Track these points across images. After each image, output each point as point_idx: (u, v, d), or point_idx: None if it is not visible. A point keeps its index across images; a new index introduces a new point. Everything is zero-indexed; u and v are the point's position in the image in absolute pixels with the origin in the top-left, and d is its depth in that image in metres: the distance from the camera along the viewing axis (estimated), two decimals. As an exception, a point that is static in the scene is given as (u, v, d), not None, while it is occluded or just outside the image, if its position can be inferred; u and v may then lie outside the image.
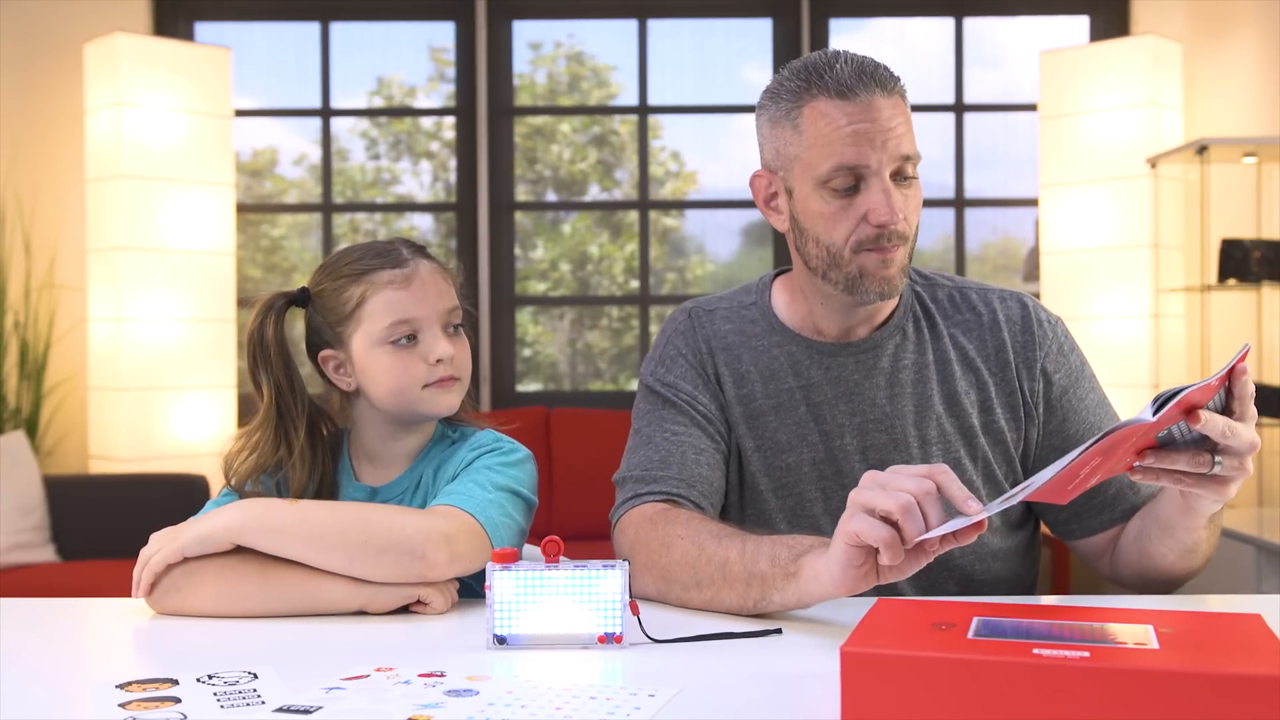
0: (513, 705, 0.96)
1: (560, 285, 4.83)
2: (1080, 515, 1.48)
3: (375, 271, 1.41)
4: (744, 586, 1.25)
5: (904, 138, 1.39)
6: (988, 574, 1.49)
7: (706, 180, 4.85)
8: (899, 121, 1.39)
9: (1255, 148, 3.80)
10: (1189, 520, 1.33)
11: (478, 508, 1.32)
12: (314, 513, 1.31)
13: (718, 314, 1.57)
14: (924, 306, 1.54)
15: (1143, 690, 0.82)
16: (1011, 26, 4.70)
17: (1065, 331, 1.55)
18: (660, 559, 1.34)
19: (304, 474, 1.43)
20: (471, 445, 1.44)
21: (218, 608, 1.30)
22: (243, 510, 1.31)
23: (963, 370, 1.50)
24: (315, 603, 1.29)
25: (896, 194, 1.39)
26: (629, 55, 4.66)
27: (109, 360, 3.99)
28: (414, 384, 1.41)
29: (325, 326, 1.45)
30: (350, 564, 1.28)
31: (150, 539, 1.33)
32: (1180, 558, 1.38)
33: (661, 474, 1.44)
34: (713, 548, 1.29)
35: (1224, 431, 1.14)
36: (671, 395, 1.51)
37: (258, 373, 1.43)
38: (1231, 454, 1.17)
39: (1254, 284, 3.70)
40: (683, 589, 1.31)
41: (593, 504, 4.04)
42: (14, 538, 3.60)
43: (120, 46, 3.97)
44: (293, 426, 1.43)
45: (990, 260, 4.80)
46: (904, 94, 1.42)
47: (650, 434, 1.49)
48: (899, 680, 0.87)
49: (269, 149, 4.81)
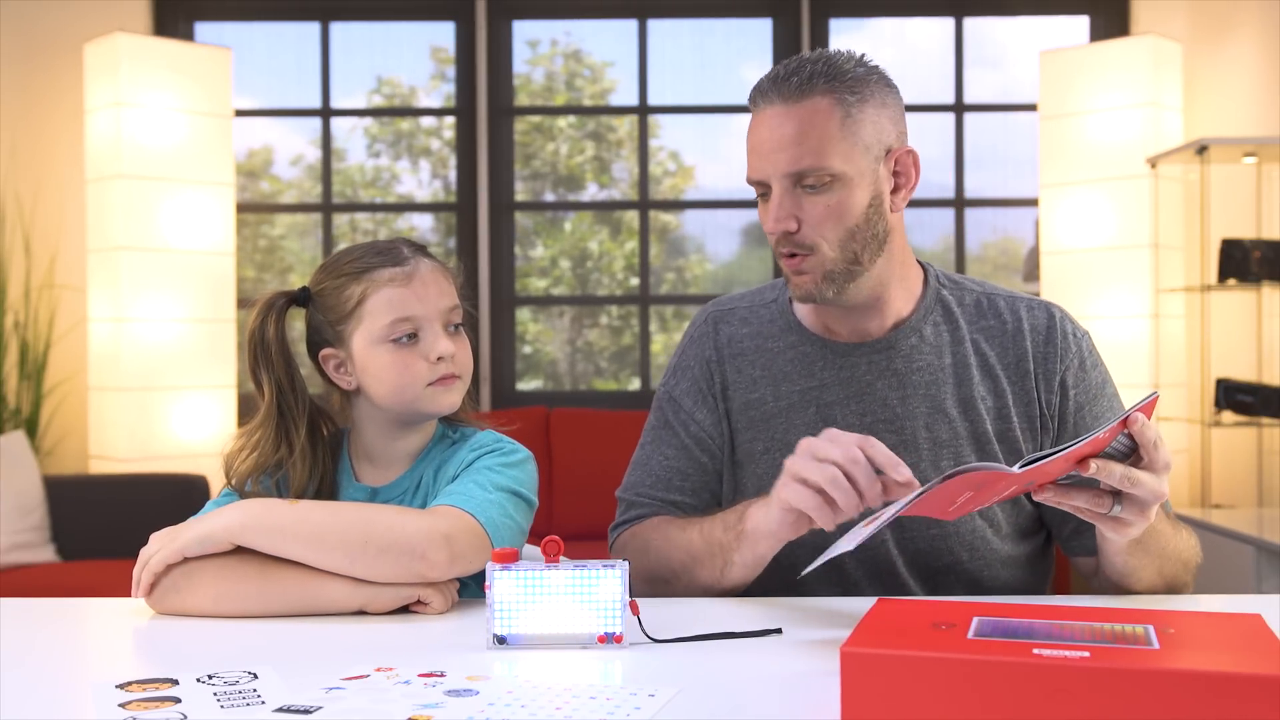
0: (513, 705, 0.96)
1: (560, 283, 4.83)
2: (1080, 532, 1.47)
3: (376, 270, 1.41)
4: (709, 559, 1.37)
5: (795, 149, 1.37)
6: (995, 580, 1.48)
7: (706, 180, 4.85)
8: (792, 131, 1.37)
9: (1255, 148, 3.80)
10: (1105, 544, 1.34)
11: (478, 508, 1.33)
12: (314, 513, 1.31)
13: (736, 314, 1.58)
14: (947, 309, 1.52)
15: (1143, 690, 0.82)
16: (1011, 26, 4.70)
17: (1091, 347, 1.52)
18: (643, 563, 1.45)
19: (304, 473, 1.43)
20: (472, 445, 1.44)
21: (217, 608, 1.30)
22: (243, 510, 1.31)
23: (981, 376, 1.49)
24: (315, 603, 1.29)
25: (789, 202, 1.39)
26: (629, 55, 4.66)
27: (109, 360, 3.99)
28: (415, 382, 1.41)
29: (326, 325, 1.44)
30: (351, 564, 1.28)
31: (150, 539, 1.33)
32: (1121, 580, 1.38)
33: (650, 498, 1.54)
34: (679, 536, 1.42)
35: (1123, 480, 1.14)
36: (672, 414, 1.56)
37: (258, 371, 1.43)
38: (1133, 501, 1.16)
39: (1254, 284, 3.70)
40: (666, 584, 1.42)
41: (593, 504, 4.04)
42: (14, 538, 3.60)
43: (120, 46, 3.97)
44: (294, 425, 1.43)
45: (990, 260, 4.80)
46: (836, 93, 1.38)
47: (649, 455, 1.56)
48: (899, 680, 0.87)
49: (264, 148, 4.81)
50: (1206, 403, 3.84)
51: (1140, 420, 1.14)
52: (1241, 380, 3.79)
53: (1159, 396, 1.19)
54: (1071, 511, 1.19)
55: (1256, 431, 3.95)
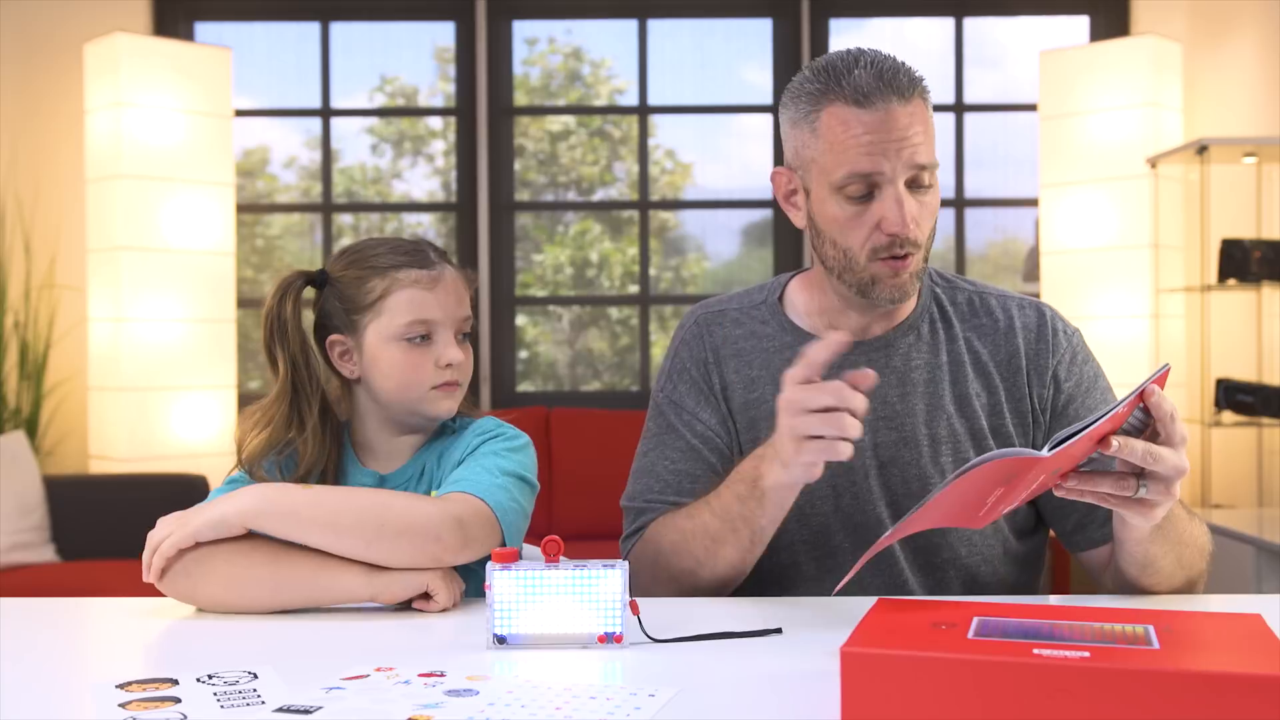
0: (513, 705, 0.96)
1: (562, 288, 4.84)
2: (1084, 526, 1.47)
3: (403, 269, 1.43)
4: (732, 534, 1.36)
5: (920, 147, 1.38)
6: (994, 576, 1.49)
7: (706, 180, 4.85)
8: (916, 130, 1.38)
9: (1255, 148, 3.80)
10: (1126, 534, 1.32)
11: (487, 492, 1.35)
12: (328, 497, 1.33)
13: (727, 316, 1.58)
14: (941, 308, 1.53)
15: (1143, 690, 0.82)
16: (1011, 26, 4.70)
17: (1082, 343, 1.54)
18: (663, 566, 1.43)
19: (314, 452, 1.44)
20: (475, 431, 1.46)
21: (228, 594, 1.31)
22: (257, 495, 1.32)
23: (975, 373, 1.50)
24: (327, 591, 1.30)
25: (911, 202, 1.39)
26: (629, 55, 4.66)
27: (109, 360, 3.99)
28: (420, 383, 1.43)
29: (340, 312, 1.46)
30: (366, 548, 1.29)
31: (158, 523, 1.33)
32: (1141, 573, 1.36)
33: (660, 504, 1.50)
34: (689, 525, 1.41)
35: (1145, 457, 1.14)
36: (674, 416, 1.54)
37: (274, 349, 1.45)
38: (1157, 479, 1.16)
39: (1254, 284, 3.70)
40: (693, 576, 1.40)
41: (593, 504, 4.04)
42: (14, 538, 3.60)
43: (120, 46, 3.97)
44: (306, 403, 1.45)
45: (992, 260, 4.80)
46: (925, 96, 1.41)
47: (654, 461, 1.54)
48: (899, 680, 0.87)
49: (260, 147, 4.80)
50: (1206, 403, 3.84)
51: (1156, 392, 1.14)
52: (1241, 380, 3.79)
53: (1170, 368, 1.18)
54: (1096, 501, 1.18)
55: (1256, 431, 3.95)
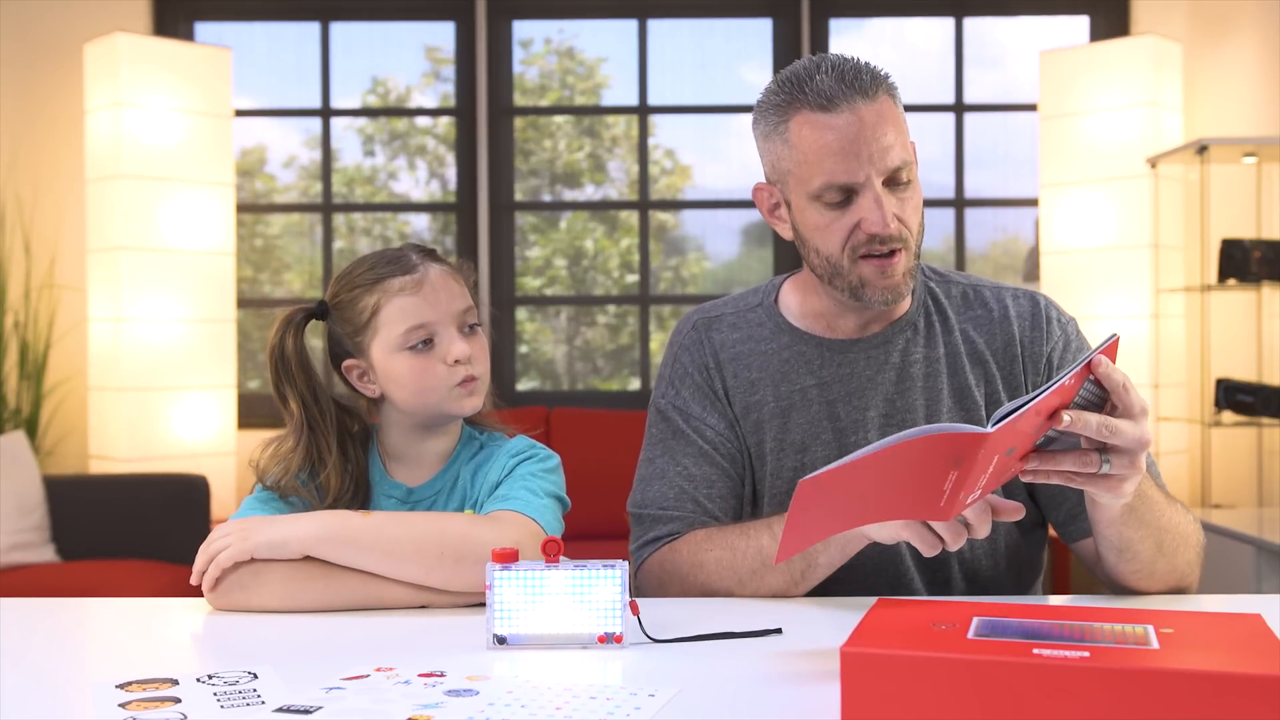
0: (513, 705, 0.96)
1: (555, 282, 4.83)
2: (1076, 516, 1.47)
3: (387, 279, 1.43)
4: (786, 565, 1.35)
5: (892, 149, 1.37)
6: (994, 571, 1.50)
7: (706, 180, 4.85)
8: (886, 131, 1.37)
9: (1255, 148, 3.80)
10: (1099, 515, 1.29)
11: (538, 513, 1.38)
12: (388, 525, 1.34)
13: (724, 320, 1.58)
14: (936, 302, 1.54)
15: (1143, 690, 0.82)
16: (1011, 26, 4.70)
17: (1077, 331, 1.55)
18: (697, 578, 1.42)
19: (339, 481, 1.45)
20: (510, 452, 1.48)
21: (281, 607, 1.32)
22: (319, 524, 1.33)
23: (972, 365, 1.51)
24: (379, 603, 1.33)
25: (890, 200, 1.38)
26: (628, 55, 4.66)
27: (109, 360, 3.99)
28: (436, 386, 1.43)
29: (345, 337, 1.47)
30: (427, 574, 1.31)
31: (215, 531, 1.35)
32: (1119, 559, 1.34)
33: (677, 513, 1.49)
34: (743, 544, 1.39)
35: (1100, 430, 1.09)
36: (681, 421, 1.53)
37: (282, 387, 1.46)
38: (1120, 453, 1.12)
39: (1254, 284, 3.70)
40: (728, 594, 1.40)
41: (593, 504, 4.03)
42: (14, 538, 3.60)
43: (120, 47, 3.97)
44: (324, 439, 1.46)
45: (992, 260, 4.80)
46: (893, 92, 1.40)
47: (664, 467, 1.53)
48: (899, 680, 0.87)
49: (258, 146, 4.80)
50: (1206, 403, 3.84)
51: (1104, 363, 1.10)
52: (1241, 380, 3.79)
53: (1119, 337, 1.13)
54: (1061, 481, 1.15)
55: (1256, 431, 3.95)
